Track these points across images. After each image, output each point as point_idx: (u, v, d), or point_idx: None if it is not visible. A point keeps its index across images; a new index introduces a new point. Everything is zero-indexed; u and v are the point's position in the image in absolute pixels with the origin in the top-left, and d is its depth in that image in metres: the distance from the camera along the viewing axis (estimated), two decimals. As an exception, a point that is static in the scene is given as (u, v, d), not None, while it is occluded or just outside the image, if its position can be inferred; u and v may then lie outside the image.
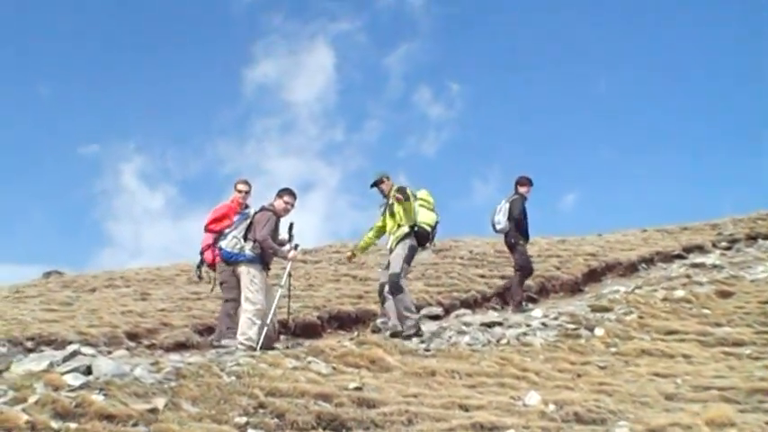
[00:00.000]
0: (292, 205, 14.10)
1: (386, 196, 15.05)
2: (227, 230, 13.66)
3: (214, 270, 14.36)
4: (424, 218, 14.81)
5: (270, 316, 13.65)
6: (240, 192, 14.55)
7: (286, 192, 14.07)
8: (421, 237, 14.79)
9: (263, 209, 13.80)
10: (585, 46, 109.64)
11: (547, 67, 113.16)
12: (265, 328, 13.41)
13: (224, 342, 13.61)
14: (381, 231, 15.17)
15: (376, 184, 15.13)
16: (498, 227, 17.65)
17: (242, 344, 13.03)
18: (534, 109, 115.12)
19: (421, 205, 14.91)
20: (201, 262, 14.61)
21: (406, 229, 14.64)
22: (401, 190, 14.70)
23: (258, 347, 13.02)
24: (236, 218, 13.77)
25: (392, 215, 14.84)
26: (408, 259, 14.74)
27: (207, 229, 14.29)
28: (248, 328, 13.20)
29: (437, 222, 15.01)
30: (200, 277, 15.14)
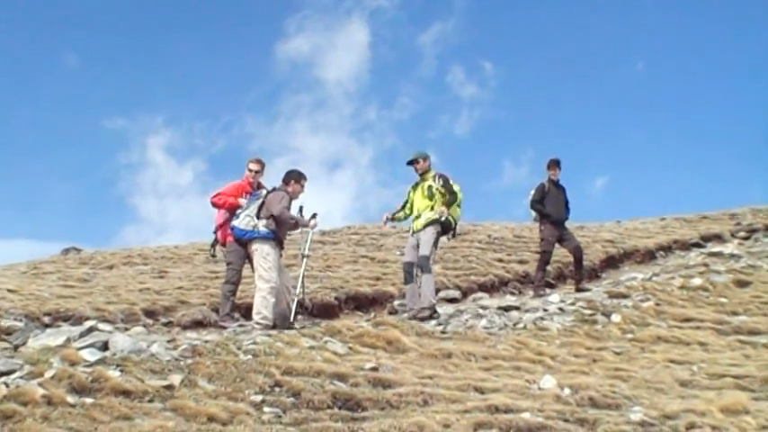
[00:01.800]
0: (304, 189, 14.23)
1: (420, 175, 15.10)
2: (239, 211, 13.73)
3: (222, 247, 14.44)
4: (453, 212, 14.86)
5: (293, 293, 13.75)
6: (251, 171, 14.67)
7: (302, 176, 14.22)
8: (446, 228, 14.84)
9: (275, 189, 13.89)
10: (623, 27, 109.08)
11: (582, 47, 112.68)
12: (278, 307, 13.47)
13: (224, 324, 13.74)
14: (411, 210, 15.18)
15: (412, 162, 15.17)
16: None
17: (258, 323, 13.08)
18: (569, 90, 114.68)
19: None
20: (215, 241, 14.68)
21: (437, 215, 14.66)
22: (447, 181, 14.79)
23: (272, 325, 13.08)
24: (247, 198, 13.85)
25: (429, 197, 14.87)
26: (436, 243, 14.85)
27: (212, 203, 14.33)
28: (264, 307, 13.25)
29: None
30: (213, 255, 15.23)
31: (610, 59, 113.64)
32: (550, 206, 17.30)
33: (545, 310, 14.93)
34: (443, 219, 14.64)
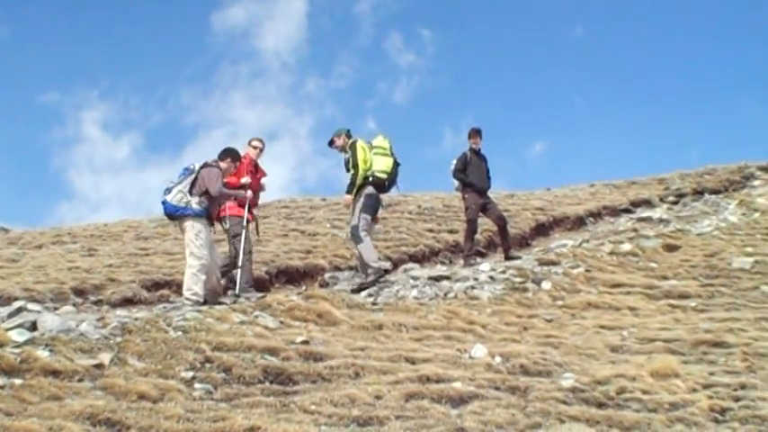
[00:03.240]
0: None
1: (343, 151, 15.12)
2: (170, 185, 13.53)
3: (220, 222, 14.48)
4: (380, 165, 14.90)
5: (240, 268, 13.79)
6: (256, 148, 14.99)
7: (238, 158, 14.33)
8: (377, 186, 14.85)
9: (207, 165, 13.70)
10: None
11: (521, 11, 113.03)
12: (208, 283, 13.41)
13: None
14: None
15: (330, 143, 15.22)
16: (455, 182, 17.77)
17: (188, 299, 12.97)
18: (508, 56, 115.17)
19: (376, 153, 14.95)
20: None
21: (358, 180, 14.70)
22: (353, 153, 14.86)
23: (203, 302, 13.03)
24: (178, 173, 13.66)
25: (347, 169, 14.91)
26: (367, 209, 14.84)
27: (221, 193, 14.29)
28: (194, 283, 13.11)
29: (397, 165, 15.07)
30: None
31: (549, 24, 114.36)
32: (473, 175, 17.32)
33: (475, 279, 14.97)
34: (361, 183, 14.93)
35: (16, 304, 12.11)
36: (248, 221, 14.72)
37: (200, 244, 13.31)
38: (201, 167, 13.56)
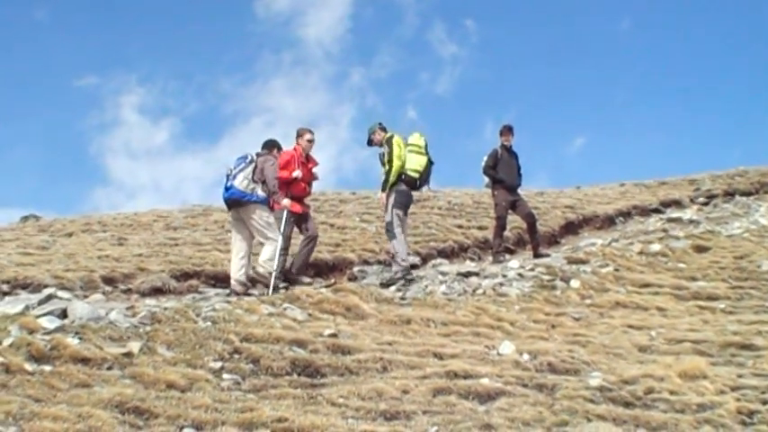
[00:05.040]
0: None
1: (379, 146, 15.16)
2: (230, 172, 13.69)
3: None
4: (413, 163, 14.97)
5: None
6: (309, 141, 15.12)
7: (280, 148, 14.56)
8: (409, 183, 14.88)
9: (261, 155, 14.01)
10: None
11: (567, 2, 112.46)
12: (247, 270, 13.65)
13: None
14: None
15: (369, 143, 15.31)
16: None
17: (263, 266, 13.62)
18: (552, 48, 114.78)
19: (410, 150, 14.99)
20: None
21: (392, 177, 14.75)
22: (390, 150, 14.89)
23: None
24: (237, 161, 13.83)
25: (382, 163, 14.98)
26: (399, 205, 14.96)
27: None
28: (274, 259, 13.69)
29: (430, 164, 15.10)
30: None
31: (596, 16, 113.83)
32: (503, 172, 17.29)
33: (504, 276, 14.95)
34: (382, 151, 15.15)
35: (46, 291, 12.22)
36: (297, 214, 14.75)
37: (274, 225, 13.79)
38: (259, 156, 13.84)
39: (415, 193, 15.71)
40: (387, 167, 14.88)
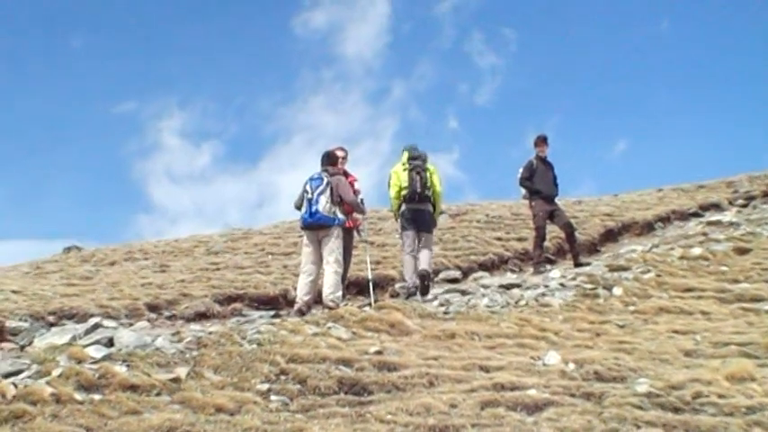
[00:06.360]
0: None
1: None
2: (315, 195, 13.75)
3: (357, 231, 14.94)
4: (403, 182, 15.21)
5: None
6: (341, 158, 14.94)
7: (336, 157, 14.63)
8: (407, 201, 15.18)
9: (332, 174, 14.11)
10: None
11: (605, 5, 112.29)
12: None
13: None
14: None
15: (422, 159, 15.38)
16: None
17: (333, 301, 13.58)
18: (592, 52, 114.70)
19: (404, 169, 15.09)
20: None
21: (393, 207, 15.46)
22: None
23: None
24: (312, 181, 13.93)
25: None
26: (403, 228, 15.31)
27: None
28: (338, 288, 13.70)
29: (417, 174, 15.06)
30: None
31: (634, 17, 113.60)
32: (539, 182, 17.30)
33: (546, 287, 14.94)
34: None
35: (92, 321, 12.40)
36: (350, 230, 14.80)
37: (341, 252, 13.89)
38: (331, 177, 13.97)
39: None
40: None
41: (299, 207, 14.00)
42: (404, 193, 15.01)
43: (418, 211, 15.04)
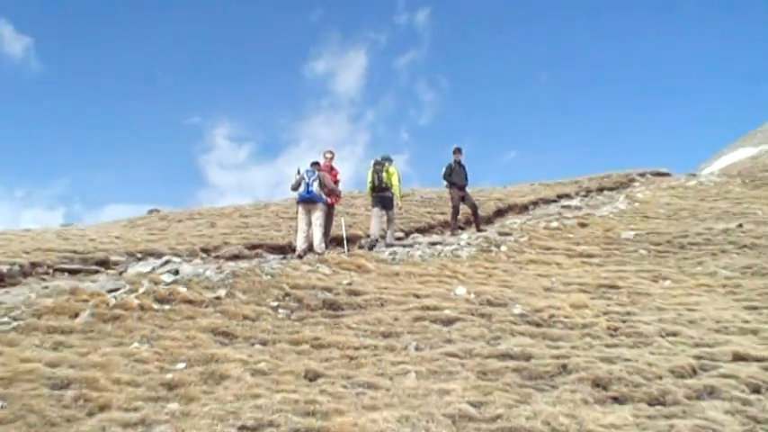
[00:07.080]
0: None
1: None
2: (307, 180, 13.94)
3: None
4: (369, 178, 15.39)
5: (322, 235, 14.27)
6: (327, 158, 14.93)
7: (319, 164, 14.60)
8: (372, 190, 15.41)
9: (320, 168, 14.33)
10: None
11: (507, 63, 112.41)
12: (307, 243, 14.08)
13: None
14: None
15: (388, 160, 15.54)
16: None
17: (320, 250, 13.66)
18: (497, 94, 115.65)
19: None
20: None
21: (368, 192, 15.81)
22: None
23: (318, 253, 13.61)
24: (307, 172, 14.08)
25: None
26: (372, 205, 15.58)
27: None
28: (322, 241, 13.87)
29: (378, 176, 15.16)
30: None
31: (522, 72, 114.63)
32: (455, 177, 17.24)
33: (458, 244, 14.91)
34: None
35: (165, 258, 12.39)
36: (331, 205, 14.81)
37: (324, 218, 14.18)
38: (320, 171, 14.23)
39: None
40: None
41: (295, 189, 14.07)
42: (370, 185, 15.10)
43: (380, 196, 15.07)
